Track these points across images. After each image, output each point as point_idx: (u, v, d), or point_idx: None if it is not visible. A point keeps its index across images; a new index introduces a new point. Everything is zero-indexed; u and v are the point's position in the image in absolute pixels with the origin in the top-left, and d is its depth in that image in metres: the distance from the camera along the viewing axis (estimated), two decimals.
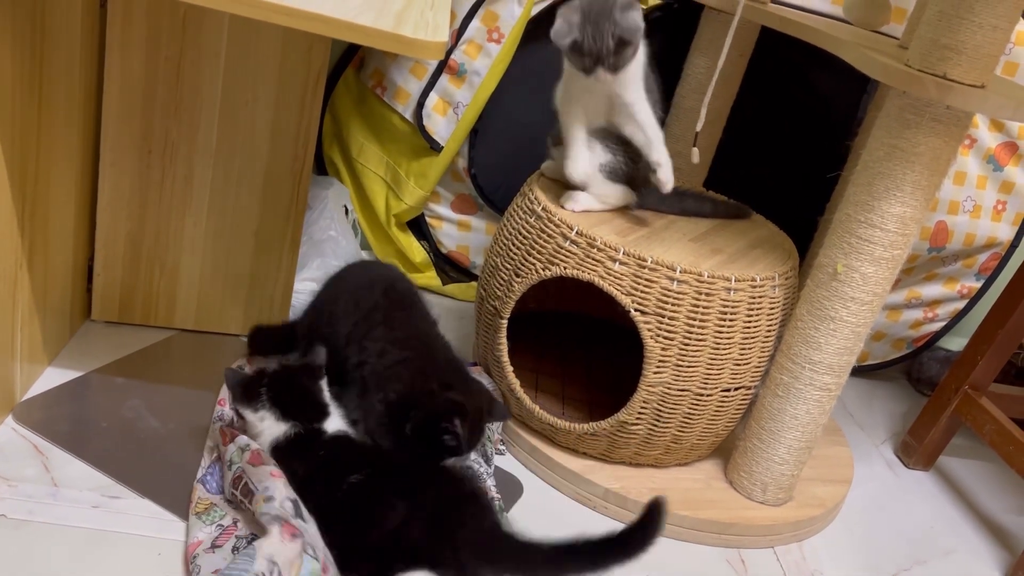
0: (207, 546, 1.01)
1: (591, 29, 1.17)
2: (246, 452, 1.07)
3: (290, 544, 0.94)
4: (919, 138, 1.08)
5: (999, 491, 1.60)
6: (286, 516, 0.97)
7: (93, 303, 1.40)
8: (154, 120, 1.30)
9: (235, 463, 1.07)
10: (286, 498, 1.00)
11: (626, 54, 1.19)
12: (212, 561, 0.98)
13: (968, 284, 1.78)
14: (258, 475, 1.04)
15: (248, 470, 1.05)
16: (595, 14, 1.17)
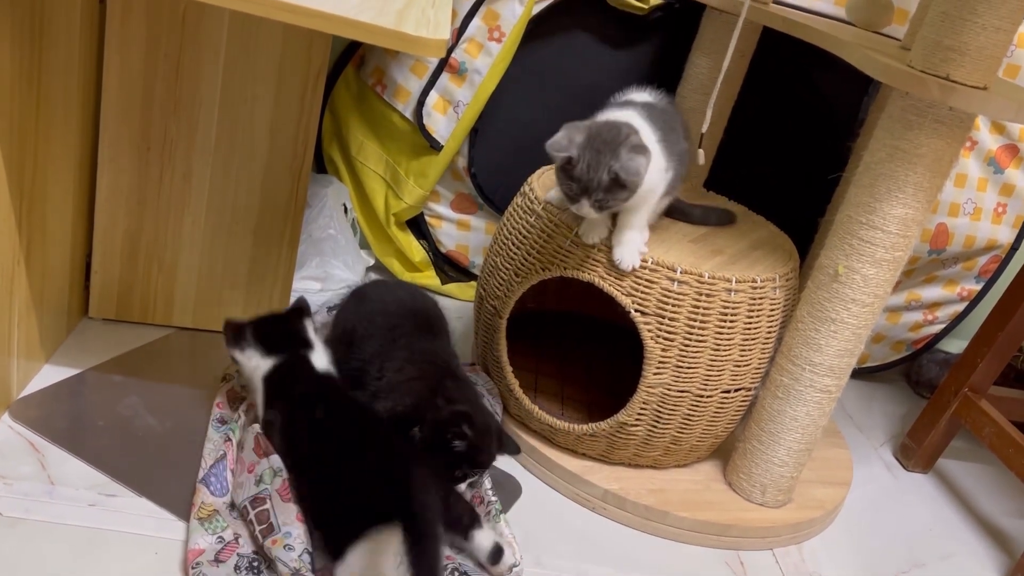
0: (210, 557, 1.00)
1: (590, 156, 1.07)
2: (277, 478, 1.06)
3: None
4: (921, 139, 1.08)
5: (998, 494, 1.59)
6: (303, 572, 0.97)
7: (91, 300, 1.40)
8: (153, 117, 1.29)
9: (264, 484, 1.06)
10: (306, 550, 0.99)
11: (618, 196, 1.09)
12: (217, 575, 0.98)
13: (968, 286, 1.78)
14: (284, 513, 1.03)
15: (276, 503, 1.04)
16: (600, 142, 1.08)
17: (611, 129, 1.09)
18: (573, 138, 1.09)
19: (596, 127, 1.10)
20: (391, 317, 1.28)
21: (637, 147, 1.09)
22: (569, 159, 1.09)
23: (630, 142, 1.08)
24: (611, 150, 1.07)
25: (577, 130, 1.10)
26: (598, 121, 1.11)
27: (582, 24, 1.63)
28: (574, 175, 1.09)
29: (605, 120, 1.12)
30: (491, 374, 1.38)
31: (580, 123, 1.11)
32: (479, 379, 1.37)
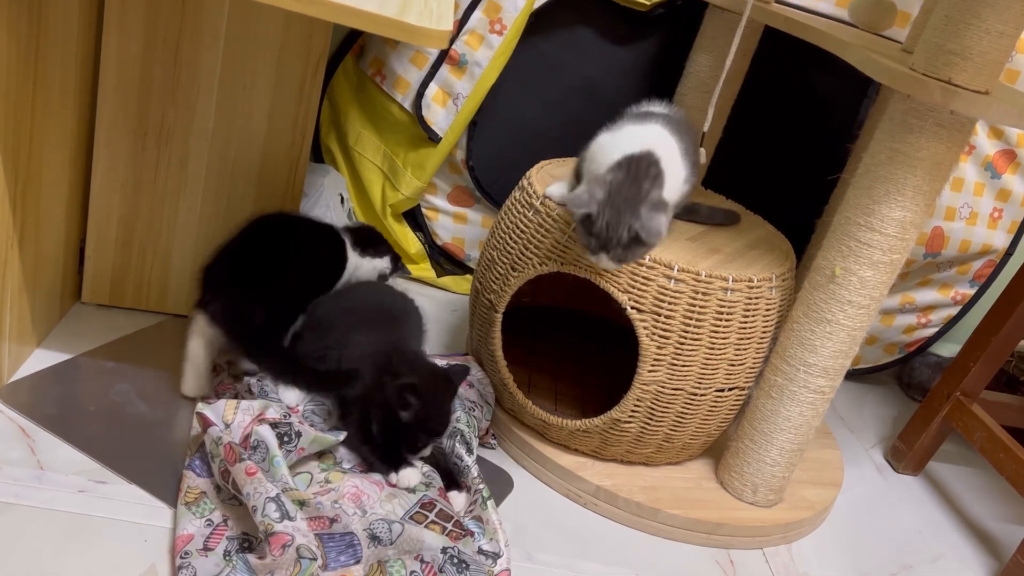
0: (199, 546, 1.00)
1: (610, 213, 1.07)
2: (220, 446, 1.06)
3: (282, 556, 0.94)
4: (921, 143, 1.08)
5: (988, 498, 1.60)
6: (272, 526, 0.97)
7: (84, 285, 1.39)
8: (151, 103, 1.28)
9: (216, 456, 1.07)
10: (267, 499, 0.99)
11: (637, 252, 1.10)
12: (206, 566, 0.97)
13: (962, 291, 1.79)
14: (239, 478, 1.03)
15: (230, 470, 1.04)
16: (621, 199, 1.07)
17: (632, 185, 1.09)
18: (594, 194, 1.08)
19: (617, 183, 1.09)
20: (354, 310, 1.30)
21: (657, 204, 1.09)
22: (589, 215, 1.09)
23: (650, 200, 1.08)
24: (631, 208, 1.07)
25: (599, 183, 1.09)
26: (619, 174, 1.09)
27: (584, 19, 1.62)
28: (594, 231, 1.09)
29: (628, 163, 1.11)
30: (485, 368, 1.38)
31: (602, 175, 1.10)
32: (471, 366, 1.37)
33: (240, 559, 0.97)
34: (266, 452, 1.06)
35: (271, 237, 1.28)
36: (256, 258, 1.24)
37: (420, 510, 1.11)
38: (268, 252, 1.26)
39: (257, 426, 1.08)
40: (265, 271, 1.23)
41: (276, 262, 1.25)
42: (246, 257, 1.25)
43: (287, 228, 1.32)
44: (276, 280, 1.24)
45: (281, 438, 1.10)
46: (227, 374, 1.29)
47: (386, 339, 1.25)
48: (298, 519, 0.99)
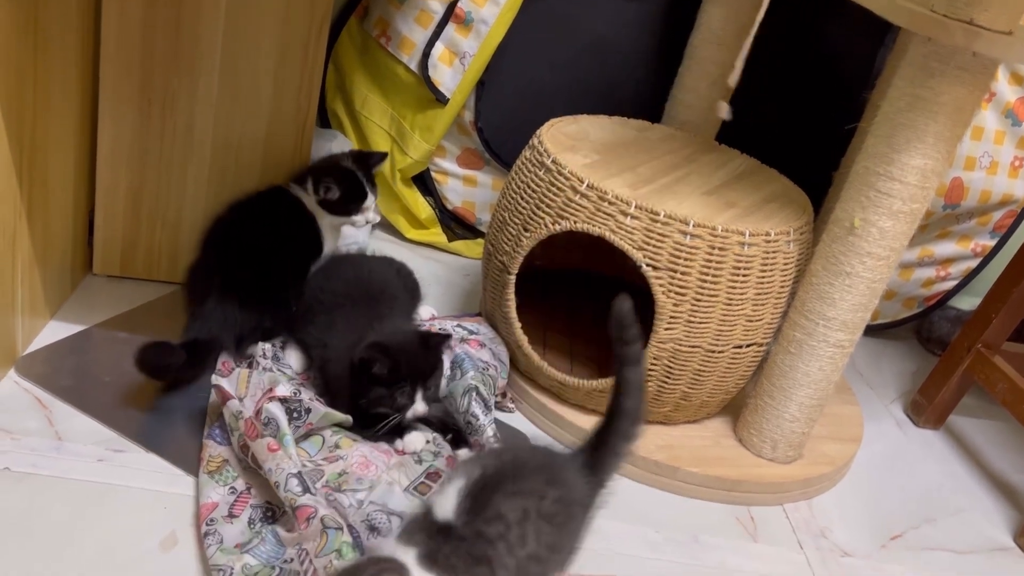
0: (224, 512, 1.00)
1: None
2: (240, 420, 1.06)
3: (308, 528, 0.94)
4: (943, 87, 1.05)
5: (1010, 450, 1.58)
6: (295, 500, 0.96)
7: (94, 257, 1.38)
8: (154, 70, 1.27)
9: (235, 430, 1.06)
10: (289, 475, 0.99)
11: None
12: (231, 533, 0.97)
13: (982, 242, 1.76)
14: (260, 453, 1.02)
15: (250, 445, 1.03)
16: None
17: None
18: None
19: None
20: (333, 294, 1.26)
21: None
22: None
23: None
24: None
25: None
26: None
27: None
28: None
29: None
30: (499, 330, 1.36)
31: None
32: (481, 328, 1.35)
33: (270, 531, 0.97)
34: (276, 430, 1.05)
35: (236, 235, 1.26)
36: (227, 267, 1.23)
37: (425, 480, 1.10)
38: (238, 256, 1.24)
39: (267, 403, 1.07)
40: (238, 280, 1.21)
41: (246, 268, 1.23)
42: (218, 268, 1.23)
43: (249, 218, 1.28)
44: (249, 290, 1.22)
45: (291, 414, 1.09)
46: None
47: (368, 319, 1.21)
48: (319, 494, 0.99)
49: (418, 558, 0.83)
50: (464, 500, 0.85)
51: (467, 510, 0.85)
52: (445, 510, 0.86)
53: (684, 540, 1.17)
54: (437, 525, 0.85)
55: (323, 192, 1.30)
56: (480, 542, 0.84)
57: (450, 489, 0.87)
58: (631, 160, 1.33)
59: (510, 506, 0.85)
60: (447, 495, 0.87)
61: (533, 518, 0.86)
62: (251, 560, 0.93)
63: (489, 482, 0.86)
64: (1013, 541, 1.34)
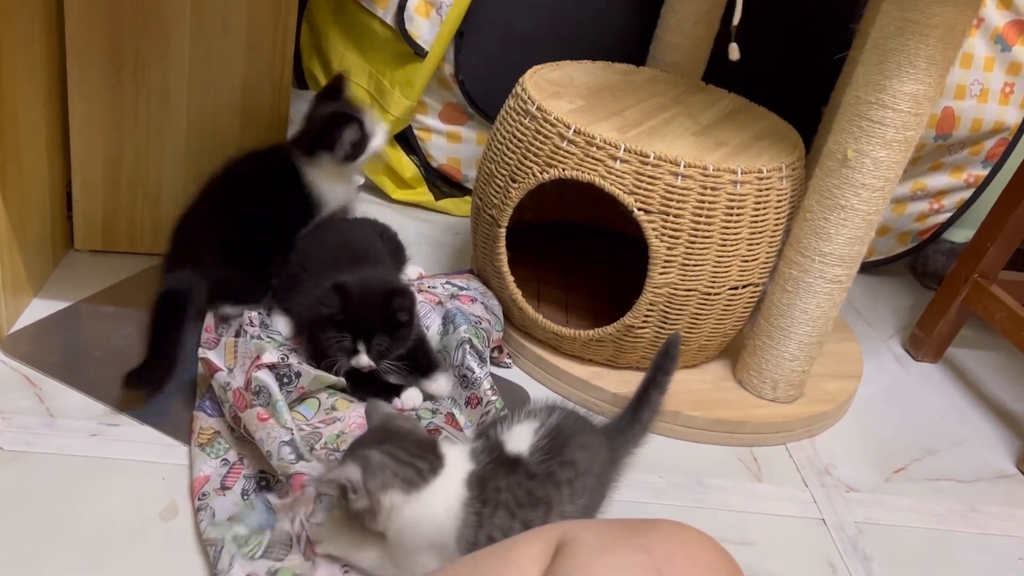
0: (216, 485, 0.98)
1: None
2: (228, 391, 1.04)
3: (302, 495, 0.93)
4: (933, 8, 1.02)
5: (1009, 380, 1.58)
6: (288, 468, 0.95)
7: (75, 232, 1.35)
8: (122, 35, 1.23)
9: (225, 401, 1.05)
10: (281, 443, 0.97)
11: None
12: (224, 505, 0.96)
13: (975, 172, 1.74)
14: (251, 423, 1.00)
15: (241, 416, 1.02)
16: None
17: None
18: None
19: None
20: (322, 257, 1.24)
21: None
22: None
23: None
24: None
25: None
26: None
27: None
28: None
29: None
30: (492, 285, 1.35)
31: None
32: (471, 284, 1.34)
33: (259, 498, 0.96)
34: (269, 397, 1.04)
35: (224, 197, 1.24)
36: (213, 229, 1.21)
37: None
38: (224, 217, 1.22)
39: (256, 372, 1.05)
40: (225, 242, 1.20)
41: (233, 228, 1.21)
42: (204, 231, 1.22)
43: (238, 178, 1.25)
44: (239, 249, 1.20)
45: (280, 380, 1.07)
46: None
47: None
48: (312, 459, 0.98)
49: (469, 475, 0.85)
50: (541, 440, 0.88)
51: (543, 449, 0.87)
52: (518, 445, 0.88)
53: (688, 484, 1.17)
54: (505, 456, 0.87)
55: (347, 146, 1.25)
56: (549, 483, 0.86)
57: (522, 428, 0.90)
58: (618, 104, 1.30)
59: (582, 456, 0.88)
60: (520, 433, 0.90)
61: (592, 474, 0.90)
62: (241, 529, 0.92)
63: (564, 430, 0.89)
64: (1016, 467, 1.34)
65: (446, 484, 0.84)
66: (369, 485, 0.81)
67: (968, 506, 1.24)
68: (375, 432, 0.88)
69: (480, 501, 0.83)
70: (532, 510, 0.85)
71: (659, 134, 1.22)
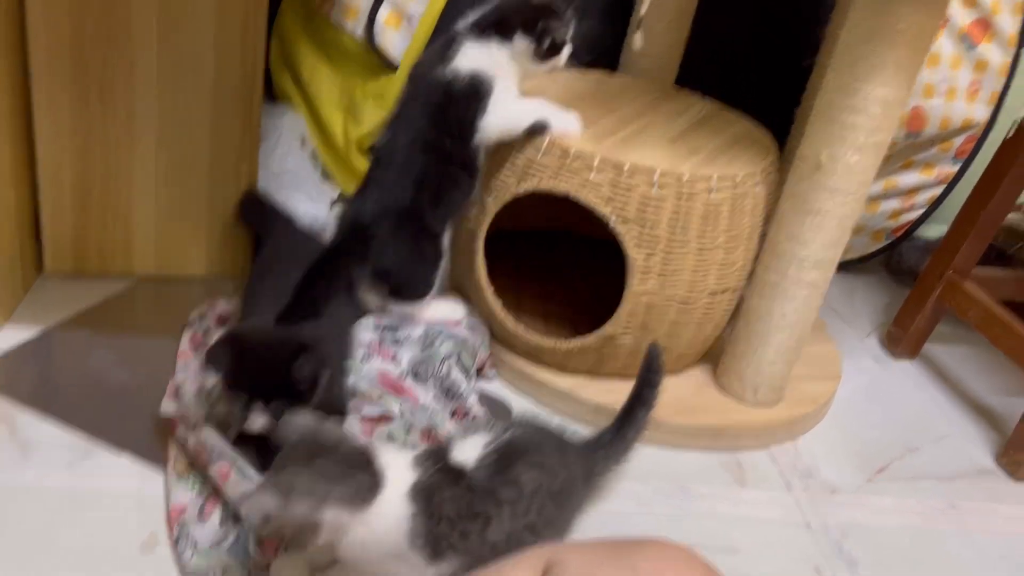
0: (194, 514, 0.97)
1: None
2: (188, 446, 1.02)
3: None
4: (901, 14, 1.03)
5: (986, 374, 1.60)
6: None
7: (44, 256, 1.33)
8: (86, 55, 1.21)
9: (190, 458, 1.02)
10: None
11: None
12: (205, 535, 0.94)
13: (945, 169, 1.75)
14: (215, 480, 0.97)
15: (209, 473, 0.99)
16: None
17: None
18: None
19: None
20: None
21: None
22: None
23: None
24: None
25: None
26: None
27: None
28: None
29: None
30: (472, 299, 1.34)
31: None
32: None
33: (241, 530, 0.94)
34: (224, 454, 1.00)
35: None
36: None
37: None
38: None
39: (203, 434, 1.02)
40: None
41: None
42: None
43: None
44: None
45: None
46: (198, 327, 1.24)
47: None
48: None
49: (413, 488, 0.82)
50: (489, 455, 0.87)
51: (489, 465, 0.86)
52: (465, 456, 0.86)
53: (672, 491, 1.17)
54: (450, 465, 0.86)
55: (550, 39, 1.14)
56: (488, 500, 0.85)
57: (474, 439, 0.88)
58: (591, 113, 1.29)
59: (529, 476, 0.87)
60: (470, 443, 0.88)
61: (542, 493, 0.88)
62: (231, 560, 0.91)
63: (516, 447, 0.88)
64: (995, 462, 1.36)
65: (391, 498, 0.81)
66: (295, 509, 0.76)
67: (950, 503, 1.25)
68: (302, 448, 0.81)
69: (426, 514, 0.82)
70: (471, 522, 0.84)
71: (634, 143, 1.22)
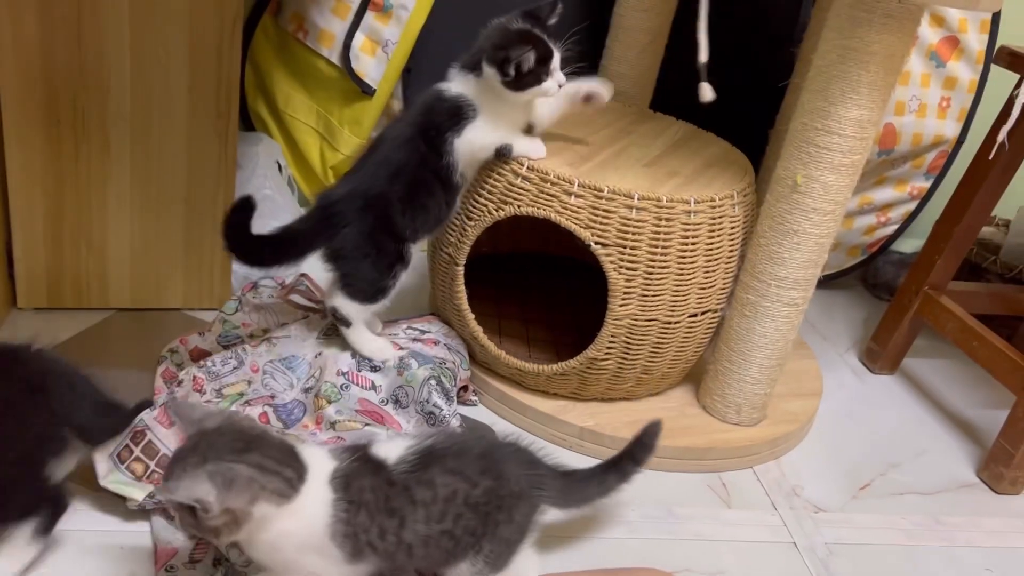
0: (184, 559, 0.95)
1: None
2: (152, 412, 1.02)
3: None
4: (872, 36, 1.04)
5: (964, 387, 1.61)
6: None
7: (18, 290, 1.31)
8: (58, 88, 1.20)
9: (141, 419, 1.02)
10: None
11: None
12: None
13: (918, 184, 1.78)
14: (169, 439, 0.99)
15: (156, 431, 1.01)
16: None
17: None
18: None
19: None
20: None
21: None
22: None
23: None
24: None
25: None
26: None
27: None
28: None
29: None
30: (453, 323, 1.33)
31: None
32: (432, 327, 1.32)
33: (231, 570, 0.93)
34: None
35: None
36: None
37: None
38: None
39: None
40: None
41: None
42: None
43: None
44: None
45: None
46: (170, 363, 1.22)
47: None
48: None
49: (333, 472, 0.83)
50: (408, 454, 0.87)
51: (407, 462, 0.86)
52: (387, 452, 0.87)
53: (659, 515, 1.17)
54: (370, 456, 0.86)
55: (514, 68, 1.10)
56: (403, 496, 0.84)
57: (399, 440, 0.89)
58: (568, 137, 1.30)
59: (444, 481, 0.86)
60: (394, 443, 0.89)
61: (459, 501, 0.86)
62: None
63: (435, 452, 0.88)
64: (977, 476, 1.37)
65: (313, 488, 0.81)
66: (232, 502, 0.76)
67: (934, 519, 1.25)
68: (229, 436, 0.80)
69: (347, 500, 0.82)
70: (388, 518, 0.83)
71: (611, 166, 1.22)
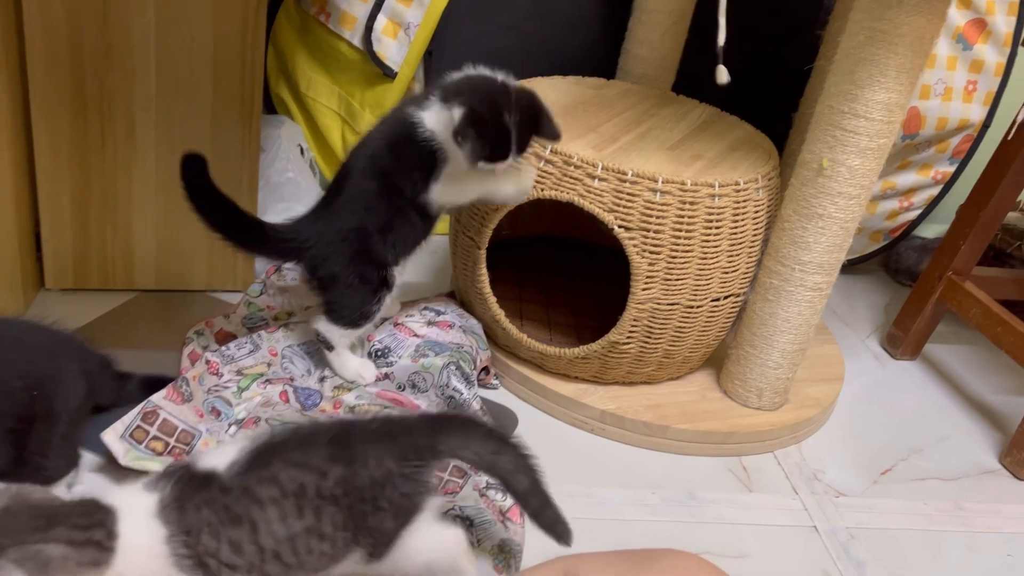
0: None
1: None
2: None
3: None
4: (901, 18, 1.03)
5: (987, 373, 1.61)
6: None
7: (45, 272, 1.32)
8: (84, 71, 1.20)
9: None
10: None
11: None
12: None
13: (942, 169, 1.76)
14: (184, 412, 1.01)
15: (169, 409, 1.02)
16: None
17: None
18: None
19: None
20: None
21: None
22: None
23: None
24: None
25: None
26: None
27: None
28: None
29: None
30: (474, 307, 1.34)
31: None
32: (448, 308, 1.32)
33: None
34: None
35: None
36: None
37: None
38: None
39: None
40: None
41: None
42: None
43: None
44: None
45: None
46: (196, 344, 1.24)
47: None
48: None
49: (160, 503, 0.74)
50: (242, 455, 0.79)
51: (241, 463, 0.78)
52: (213, 461, 0.79)
53: (680, 498, 1.17)
54: (193, 473, 0.78)
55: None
56: (245, 499, 0.76)
57: (227, 447, 0.81)
58: (591, 120, 1.30)
59: (288, 475, 0.78)
60: (223, 450, 0.80)
61: (310, 495, 0.78)
62: None
63: (273, 447, 0.80)
64: (999, 462, 1.36)
65: (135, 532, 0.73)
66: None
67: (955, 504, 1.25)
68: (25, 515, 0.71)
69: (184, 531, 0.74)
70: (235, 528, 0.75)
71: (635, 149, 1.22)
